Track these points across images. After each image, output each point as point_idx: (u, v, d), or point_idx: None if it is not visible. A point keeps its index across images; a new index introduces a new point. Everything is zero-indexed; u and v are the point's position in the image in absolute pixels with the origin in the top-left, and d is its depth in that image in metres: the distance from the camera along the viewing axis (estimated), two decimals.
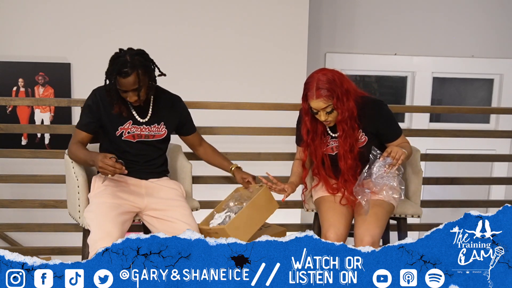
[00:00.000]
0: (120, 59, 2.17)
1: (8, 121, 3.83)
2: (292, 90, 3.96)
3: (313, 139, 2.35)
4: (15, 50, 3.85)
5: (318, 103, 2.19)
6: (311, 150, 2.39)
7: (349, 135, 2.27)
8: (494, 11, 4.73)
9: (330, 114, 2.23)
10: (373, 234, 2.14)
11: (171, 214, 2.29)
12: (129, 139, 2.34)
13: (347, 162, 2.29)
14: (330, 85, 2.18)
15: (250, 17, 3.95)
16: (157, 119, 2.38)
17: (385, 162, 2.14)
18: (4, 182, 3.04)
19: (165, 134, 2.41)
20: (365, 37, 4.63)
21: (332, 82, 2.19)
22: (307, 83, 2.24)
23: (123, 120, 2.32)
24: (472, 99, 5.04)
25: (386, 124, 2.33)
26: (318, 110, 2.22)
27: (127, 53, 2.19)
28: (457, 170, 3.68)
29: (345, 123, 2.25)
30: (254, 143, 3.35)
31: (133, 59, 2.17)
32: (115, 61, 2.18)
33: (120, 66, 2.15)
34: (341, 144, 2.29)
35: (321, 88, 2.17)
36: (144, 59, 2.22)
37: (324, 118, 2.23)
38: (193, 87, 3.92)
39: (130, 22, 3.88)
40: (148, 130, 2.36)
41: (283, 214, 3.35)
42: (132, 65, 2.15)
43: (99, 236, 2.09)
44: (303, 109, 2.31)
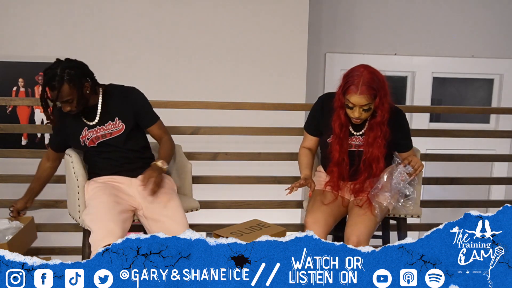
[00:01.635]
0: (50, 72, 2.19)
1: (8, 121, 3.83)
2: (292, 90, 3.97)
3: (345, 134, 2.26)
4: (15, 50, 3.85)
5: (360, 99, 2.11)
6: (339, 146, 2.27)
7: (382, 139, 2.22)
8: (494, 11, 4.72)
9: (365, 112, 2.16)
10: (358, 234, 2.13)
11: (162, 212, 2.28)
12: (91, 144, 2.35)
13: (380, 166, 2.24)
14: (376, 84, 2.11)
15: (250, 17, 3.95)
16: (110, 116, 2.35)
17: (406, 169, 2.14)
18: (4, 182, 3.04)
19: (124, 129, 2.36)
20: (365, 37, 4.62)
21: (378, 81, 2.13)
22: (351, 76, 2.14)
23: (79, 129, 2.34)
24: (472, 99, 5.04)
25: (404, 135, 2.33)
26: (355, 105, 2.14)
27: (59, 66, 2.20)
28: (457, 170, 3.68)
29: (383, 124, 2.19)
30: (254, 143, 3.35)
31: (63, 72, 2.18)
32: (45, 73, 2.21)
33: (49, 79, 2.18)
34: (376, 146, 2.22)
35: (367, 85, 2.09)
36: (76, 72, 2.22)
37: (358, 115, 2.15)
38: (193, 87, 3.92)
39: (130, 22, 3.87)
40: (103, 129, 2.35)
41: (283, 214, 3.36)
42: (60, 79, 2.17)
43: (102, 235, 2.09)
44: (338, 103, 2.21)
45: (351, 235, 2.15)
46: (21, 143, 3.87)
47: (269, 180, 3.05)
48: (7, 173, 3.16)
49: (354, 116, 2.18)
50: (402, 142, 2.33)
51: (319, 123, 2.40)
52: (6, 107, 3.87)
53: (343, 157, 2.29)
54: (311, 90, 4.20)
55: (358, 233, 2.14)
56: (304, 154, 2.43)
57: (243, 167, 2.73)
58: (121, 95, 2.39)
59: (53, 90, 2.18)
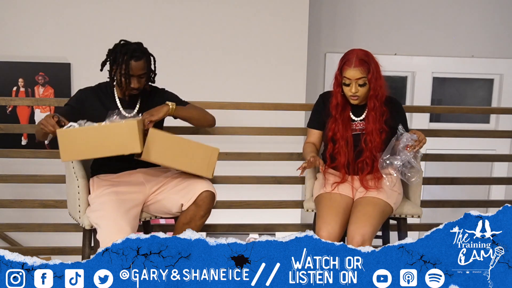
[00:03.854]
0: (129, 45, 2.26)
1: (8, 121, 3.83)
2: (292, 90, 3.98)
3: (341, 114, 2.37)
4: (15, 50, 3.85)
5: (355, 72, 2.26)
6: (338, 128, 2.37)
7: (378, 114, 2.33)
8: (494, 11, 4.73)
9: (361, 87, 2.29)
10: (363, 233, 2.13)
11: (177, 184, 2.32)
12: None
13: (375, 139, 2.33)
14: (368, 59, 2.29)
15: (250, 17, 3.95)
16: (145, 111, 2.36)
17: (412, 137, 2.22)
18: (4, 182, 3.04)
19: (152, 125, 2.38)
20: (365, 37, 4.63)
21: (370, 57, 2.30)
22: (346, 54, 2.32)
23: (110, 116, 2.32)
24: (472, 99, 5.04)
25: (403, 121, 2.41)
26: (351, 80, 2.27)
27: (133, 43, 2.29)
28: (457, 170, 3.68)
29: (376, 99, 2.32)
30: (254, 143, 3.35)
31: (141, 47, 2.29)
32: (124, 47, 2.26)
33: (132, 51, 2.23)
34: (371, 119, 2.34)
35: (360, 59, 2.26)
36: (147, 50, 2.33)
37: (355, 90, 2.28)
38: (193, 87, 3.93)
39: (130, 22, 3.88)
40: None
41: (283, 214, 3.36)
42: (142, 51, 2.27)
43: (112, 231, 2.08)
44: (336, 82, 2.36)
45: (356, 234, 2.13)
46: (21, 143, 3.87)
47: (269, 180, 3.05)
48: (7, 173, 3.16)
49: (351, 92, 2.30)
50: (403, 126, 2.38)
51: (321, 116, 2.46)
52: (6, 107, 3.87)
53: (345, 140, 2.36)
54: (311, 90, 4.20)
55: (364, 232, 2.13)
56: (308, 146, 2.49)
57: (243, 167, 2.73)
58: (158, 94, 2.44)
59: (137, 60, 2.22)
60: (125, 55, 2.22)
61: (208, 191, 2.25)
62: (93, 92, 2.35)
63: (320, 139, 2.51)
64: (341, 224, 2.23)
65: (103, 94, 2.35)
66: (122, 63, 2.22)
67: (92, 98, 2.33)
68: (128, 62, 2.21)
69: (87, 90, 2.37)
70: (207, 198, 2.25)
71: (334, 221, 2.21)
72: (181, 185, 2.32)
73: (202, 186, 2.26)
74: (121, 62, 2.22)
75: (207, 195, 2.24)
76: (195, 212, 2.25)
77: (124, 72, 2.22)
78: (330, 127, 2.39)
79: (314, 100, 2.57)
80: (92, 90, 2.36)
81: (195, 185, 2.27)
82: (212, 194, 2.27)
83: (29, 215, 3.56)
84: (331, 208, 2.28)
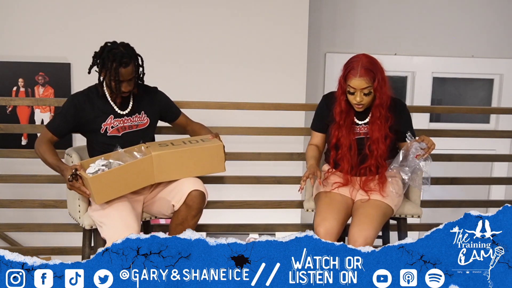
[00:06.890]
0: (116, 51, 2.24)
1: (8, 121, 3.83)
2: (292, 90, 3.98)
3: (345, 121, 2.34)
4: (15, 50, 3.85)
5: (360, 82, 2.20)
6: (341, 134, 2.35)
7: (383, 121, 2.30)
8: (495, 11, 4.73)
9: (366, 96, 2.24)
10: (366, 236, 2.11)
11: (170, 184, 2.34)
12: (114, 133, 2.35)
13: (381, 147, 2.31)
14: (373, 67, 2.22)
15: (250, 17, 3.95)
16: (138, 109, 2.40)
17: (421, 145, 2.21)
18: (4, 182, 3.04)
19: (148, 122, 2.43)
20: (365, 37, 4.63)
21: (376, 65, 2.24)
22: (351, 62, 2.25)
23: (105, 116, 2.34)
24: (472, 99, 5.04)
25: (408, 125, 2.39)
26: (356, 90, 2.22)
27: (119, 45, 2.28)
28: (457, 170, 3.68)
29: (382, 107, 2.28)
30: (254, 143, 3.35)
31: (128, 50, 2.27)
32: (111, 53, 2.24)
33: (120, 57, 2.22)
34: (376, 128, 2.30)
35: (365, 67, 2.20)
36: (134, 50, 2.33)
37: (360, 99, 2.24)
38: (193, 87, 3.93)
39: (130, 22, 3.88)
40: (131, 120, 2.38)
41: (283, 214, 3.36)
42: (129, 56, 2.25)
43: (120, 227, 2.08)
44: (340, 89, 2.31)
45: (359, 237, 2.11)
46: (21, 143, 3.87)
47: (269, 180, 3.05)
48: (7, 173, 3.16)
49: (356, 101, 2.25)
50: (409, 130, 2.36)
51: (324, 119, 2.44)
52: (6, 107, 3.87)
53: (349, 145, 2.34)
54: (311, 90, 4.20)
55: (367, 235, 2.11)
56: (310, 148, 2.48)
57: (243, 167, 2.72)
58: (149, 92, 2.47)
59: (125, 67, 2.22)
60: (113, 62, 2.22)
61: (197, 190, 2.25)
62: (84, 96, 2.35)
63: (323, 141, 2.50)
64: (339, 221, 2.22)
65: (95, 96, 2.35)
66: (111, 70, 2.22)
67: (84, 102, 2.33)
68: (117, 70, 2.22)
69: (78, 95, 2.36)
70: (197, 198, 2.24)
71: (332, 217, 2.20)
72: (171, 186, 2.33)
73: (191, 186, 2.26)
74: (110, 68, 2.22)
75: (196, 195, 2.24)
76: (186, 213, 2.25)
77: (114, 78, 2.23)
78: (333, 134, 2.36)
79: (314, 100, 2.57)
80: (83, 94, 2.36)
81: (184, 185, 2.27)
82: (201, 193, 2.26)
83: (29, 215, 3.56)
84: (329, 205, 2.27)
